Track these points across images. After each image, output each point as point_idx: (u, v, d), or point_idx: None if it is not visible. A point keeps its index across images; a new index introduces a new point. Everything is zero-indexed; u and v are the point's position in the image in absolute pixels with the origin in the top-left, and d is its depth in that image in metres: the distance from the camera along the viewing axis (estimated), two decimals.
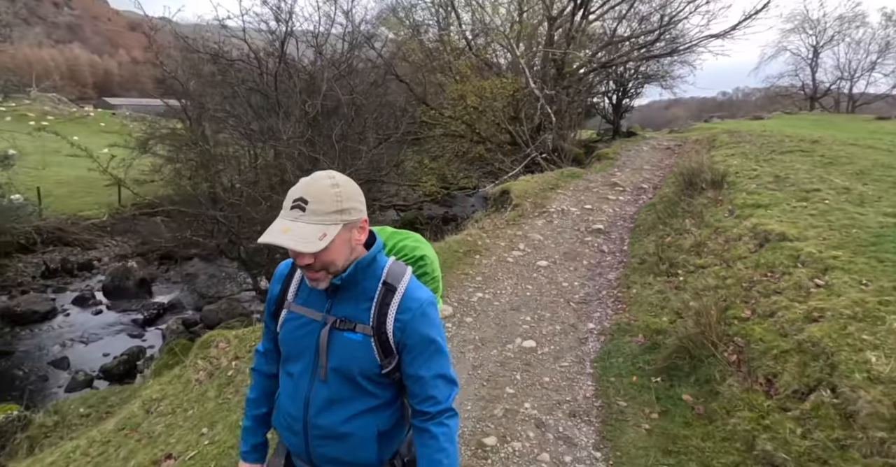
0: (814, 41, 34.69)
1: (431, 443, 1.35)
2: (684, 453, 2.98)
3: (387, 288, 1.36)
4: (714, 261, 5.07)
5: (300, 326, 1.40)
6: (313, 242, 1.20)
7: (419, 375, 1.36)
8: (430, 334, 1.37)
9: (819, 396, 2.89)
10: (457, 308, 4.90)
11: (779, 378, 3.20)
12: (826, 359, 3.06)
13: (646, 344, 4.13)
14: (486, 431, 3.24)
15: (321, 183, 1.26)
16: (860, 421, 2.63)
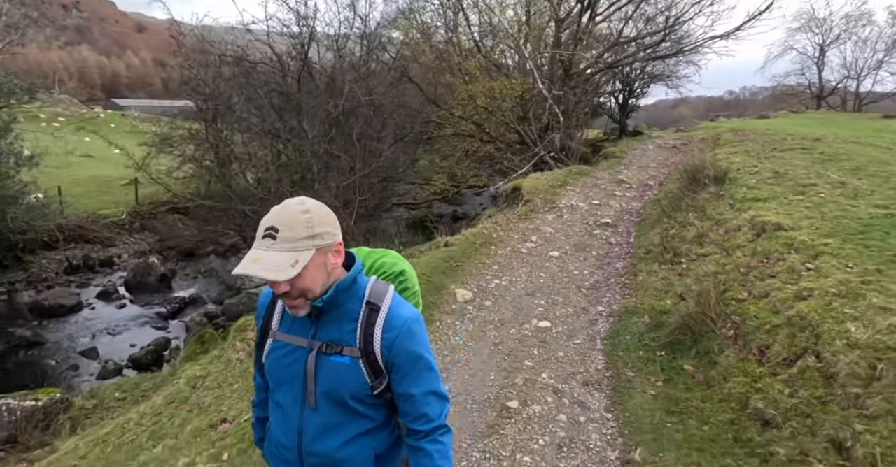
0: (820, 40, 34.71)
1: (426, 462, 1.36)
2: (685, 413, 3.38)
3: (370, 307, 1.36)
4: (715, 249, 5.47)
5: (286, 354, 1.40)
6: (285, 270, 1.21)
7: (410, 393, 1.37)
8: (418, 351, 1.37)
9: (805, 362, 3.29)
10: (476, 293, 5.33)
11: (770, 348, 3.60)
12: (812, 331, 3.46)
13: (651, 323, 4.54)
14: (509, 396, 3.66)
15: (291, 210, 1.28)
16: (839, 380, 3.03)
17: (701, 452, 3.01)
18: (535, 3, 15.72)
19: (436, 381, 1.41)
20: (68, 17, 67.88)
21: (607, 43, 18.08)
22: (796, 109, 32.74)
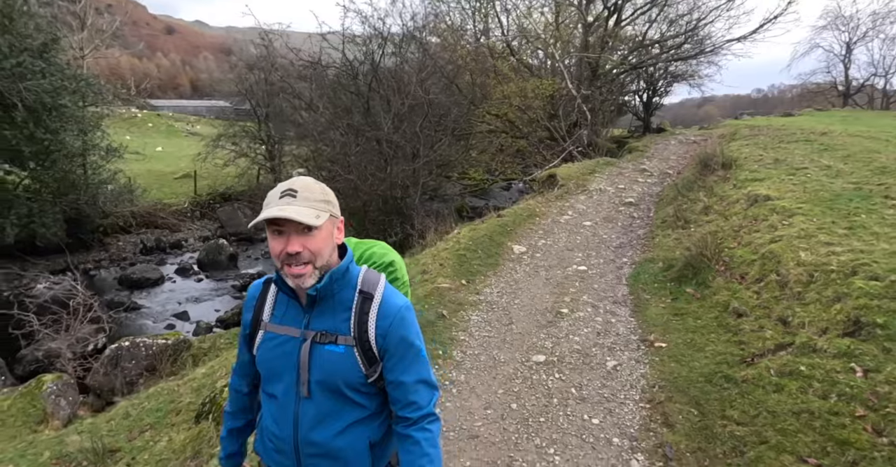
0: (847, 38, 35.23)
1: (414, 449, 1.39)
2: (686, 314, 4.97)
3: (363, 296, 1.40)
4: (717, 217, 7.02)
5: (278, 345, 1.43)
6: (311, 218, 1.27)
7: (400, 380, 1.40)
8: (410, 338, 1.41)
9: (769, 278, 4.85)
10: (528, 248, 6.96)
11: (748, 274, 5.16)
12: (776, 260, 5.01)
13: (664, 266, 6.12)
14: (561, 307, 5.28)
15: (305, 179, 1.37)
16: (789, 285, 4.59)
17: (694, 333, 4.60)
18: (564, 9, 17.29)
19: (426, 370, 1.45)
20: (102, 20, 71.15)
21: (632, 44, 19.57)
22: (821, 107, 33.55)
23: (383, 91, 10.52)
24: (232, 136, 19.66)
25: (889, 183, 6.77)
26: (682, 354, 4.27)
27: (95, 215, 14.56)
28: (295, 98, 13.25)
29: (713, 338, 4.45)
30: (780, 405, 3.31)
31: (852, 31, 35.18)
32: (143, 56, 70.57)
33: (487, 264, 6.43)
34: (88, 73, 15.13)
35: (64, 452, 4.81)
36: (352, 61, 11.42)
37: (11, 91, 12.51)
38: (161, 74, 70.20)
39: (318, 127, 10.93)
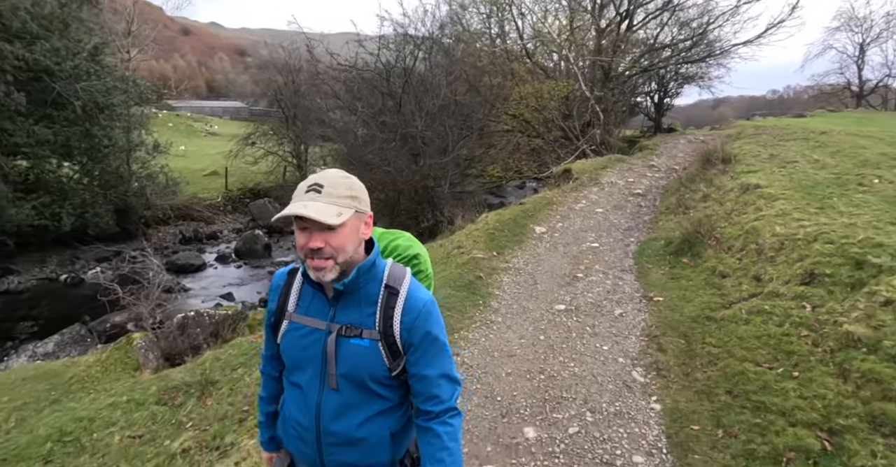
0: (860, 39, 35.55)
1: (435, 442, 1.43)
2: (681, 278, 6.07)
3: (389, 291, 1.44)
4: (713, 203, 8.10)
5: (304, 336, 1.47)
6: (332, 216, 1.30)
7: (423, 374, 1.44)
8: (435, 333, 1.45)
9: (749, 247, 5.94)
10: (547, 229, 8.09)
11: (734, 246, 6.25)
12: (756, 234, 6.10)
13: (665, 243, 7.21)
14: (577, 272, 6.40)
15: (333, 174, 1.41)
16: (764, 251, 5.68)
17: (686, 290, 5.70)
18: (577, 14, 18.41)
19: (449, 364, 1.49)
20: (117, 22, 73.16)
21: (644, 48, 20.65)
22: (834, 108, 34.17)
23: (415, 92, 11.70)
24: (261, 136, 20.95)
25: (866, 173, 7.82)
26: (675, 305, 5.38)
27: (140, 207, 15.87)
28: (333, 98, 14.44)
29: (701, 292, 5.55)
30: (746, 332, 4.42)
31: (866, 32, 35.52)
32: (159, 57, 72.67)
33: (513, 241, 7.57)
34: (135, 75, 16.45)
35: (170, 385, 5.97)
36: (385, 65, 12.63)
37: (69, 91, 13.81)
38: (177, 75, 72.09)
39: (356, 125, 12.12)
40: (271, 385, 1.70)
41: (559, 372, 4.25)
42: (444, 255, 7.21)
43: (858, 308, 4.01)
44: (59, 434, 5.03)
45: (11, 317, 11.62)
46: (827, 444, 3.05)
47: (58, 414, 5.69)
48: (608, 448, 3.37)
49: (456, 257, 6.86)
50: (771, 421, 3.35)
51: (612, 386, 4.06)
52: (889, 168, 8.24)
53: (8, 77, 12.68)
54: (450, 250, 7.34)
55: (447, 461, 1.41)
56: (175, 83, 59.06)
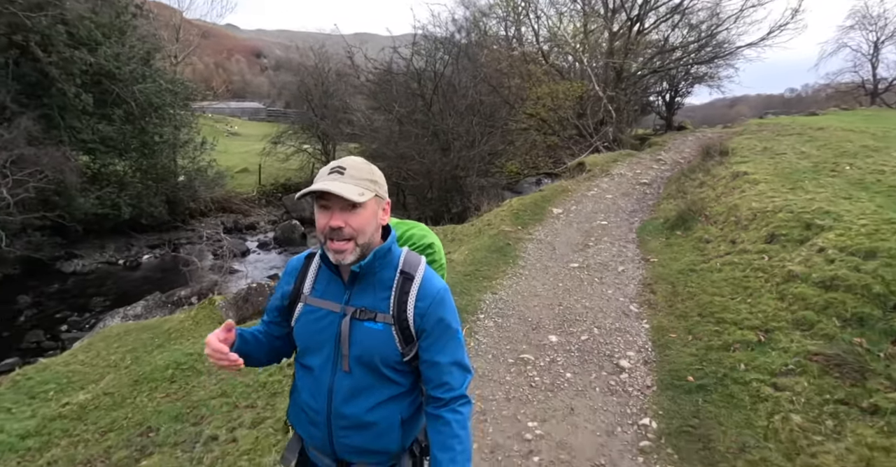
0: (874, 37, 35.93)
1: (444, 430, 1.46)
2: (673, 245, 7.48)
3: (404, 276, 1.49)
4: (707, 189, 9.48)
5: (319, 318, 1.51)
6: (354, 194, 1.35)
7: (435, 361, 1.48)
8: (448, 319, 1.49)
9: (730, 220, 7.33)
10: (563, 210, 9.54)
11: (718, 220, 7.65)
12: (736, 209, 7.49)
13: (663, 221, 8.62)
14: (588, 242, 7.84)
15: (355, 158, 1.48)
16: (741, 222, 7.07)
17: (676, 253, 7.11)
18: (592, 19, 19.81)
19: (461, 352, 1.53)
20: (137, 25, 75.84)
21: (655, 49, 21.99)
22: (847, 107, 34.94)
23: (444, 93, 13.20)
24: (291, 135, 22.60)
25: (841, 162, 9.17)
26: (666, 263, 6.80)
27: (186, 199, 17.53)
28: (364, 98, 15.99)
29: (688, 254, 6.96)
30: (718, 277, 5.83)
31: (880, 31, 35.96)
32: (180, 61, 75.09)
33: (535, 219, 9.02)
34: (183, 77, 18.14)
35: None
36: (418, 69, 14.15)
37: (127, 93, 15.49)
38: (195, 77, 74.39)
39: (392, 122, 13.65)
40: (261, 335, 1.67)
41: (573, 305, 5.70)
42: (476, 231, 8.68)
43: (801, 255, 5.42)
44: (175, 364, 6.53)
45: (84, 293, 13.28)
46: (762, 337, 4.46)
47: (167, 353, 7.22)
48: (609, 348, 4.80)
49: (487, 231, 8.33)
50: (725, 328, 4.76)
51: (613, 314, 5.50)
52: (864, 157, 9.56)
53: (77, 80, 14.36)
54: (480, 227, 8.81)
55: (457, 449, 1.45)
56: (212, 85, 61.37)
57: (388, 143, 13.77)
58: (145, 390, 5.98)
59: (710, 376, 4.12)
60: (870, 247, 4.91)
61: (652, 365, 4.47)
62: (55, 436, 5.18)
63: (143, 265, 15.60)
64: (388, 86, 14.89)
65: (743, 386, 3.89)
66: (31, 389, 6.76)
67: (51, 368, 7.30)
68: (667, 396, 4.00)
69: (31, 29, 13.42)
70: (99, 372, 7.19)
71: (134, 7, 16.54)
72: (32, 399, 6.50)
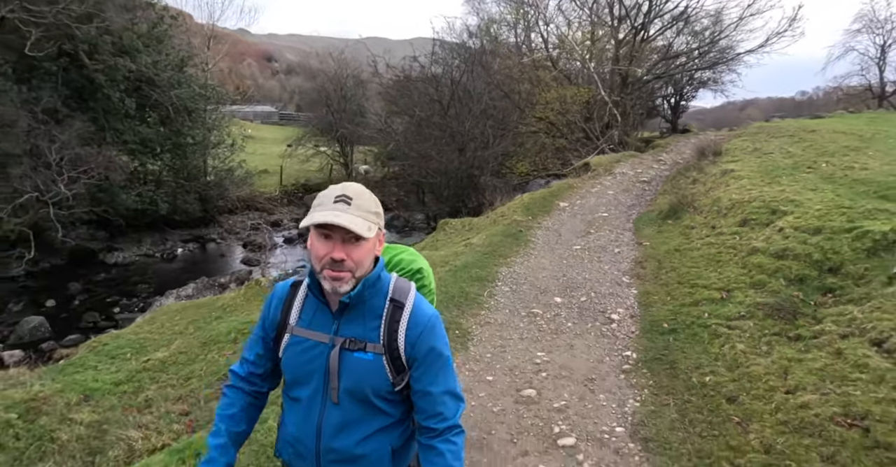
0: (881, 40, 36.33)
1: (438, 461, 1.44)
2: (664, 231, 8.66)
3: (395, 304, 1.47)
4: (699, 185, 10.65)
5: (306, 349, 1.48)
6: (364, 229, 1.33)
7: (427, 390, 1.47)
8: (439, 348, 1.48)
9: (713, 209, 8.51)
10: (569, 204, 10.75)
11: (705, 210, 8.82)
12: (718, 200, 8.67)
13: (657, 213, 9.80)
14: (591, 229, 9.05)
15: (358, 187, 1.44)
16: (721, 211, 8.25)
17: (666, 238, 8.29)
18: (598, 27, 21.03)
19: (453, 381, 1.51)
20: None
21: (659, 55, 23.15)
22: (854, 110, 35.69)
23: (460, 98, 14.47)
24: (311, 137, 23.98)
25: (819, 160, 10.31)
26: (656, 246, 7.99)
27: (216, 197, 18.88)
28: (390, 103, 17.32)
29: (675, 238, 8.14)
30: (696, 254, 7.01)
31: (887, 34, 36.44)
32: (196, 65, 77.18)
33: (543, 211, 10.24)
34: (215, 83, 19.54)
35: None
36: (435, 76, 15.44)
37: (164, 98, 16.86)
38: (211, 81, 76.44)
39: (413, 125, 14.93)
40: (242, 400, 1.64)
41: (575, 277, 6.91)
42: (491, 221, 9.91)
43: (764, 234, 6.60)
44: (235, 330, 7.76)
45: (128, 282, 14.63)
46: (724, 295, 5.64)
47: (225, 322, 8.46)
48: (603, 306, 6.01)
49: (501, 220, 9.55)
50: (697, 290, 5.95)
51: (608, 283, 6.70)
52: (841, 156, 10.70)
53: (120, 86, 15.75)
54: (495, 218, 10.04)
55: None
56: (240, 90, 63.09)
57: (409, 144, 15.04)
58: (214, 349, 7.21)
59: (680, 323, 5.31)
60: (817, 226, 6.08)
61: (636, 318, 5.67)
62: (144, 383, 6.43)
63: (178, 257, 16.95)
64: (409, 91, 16.17)
65: (704, 329, 5.07)
66: (110, 352, 8.02)
67: (122, 337, 8.58)
68: (646, 337, 5.19)
69: (80, 39, 14.81)
70: (167, 338, 8.46)
71: (169, 18, 17.93)
72: (113, 359, 7.76)
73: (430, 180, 14.58)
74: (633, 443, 3.61)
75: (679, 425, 3.76)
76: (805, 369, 3.95)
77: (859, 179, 8.41)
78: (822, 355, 4.04)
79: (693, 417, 3.81)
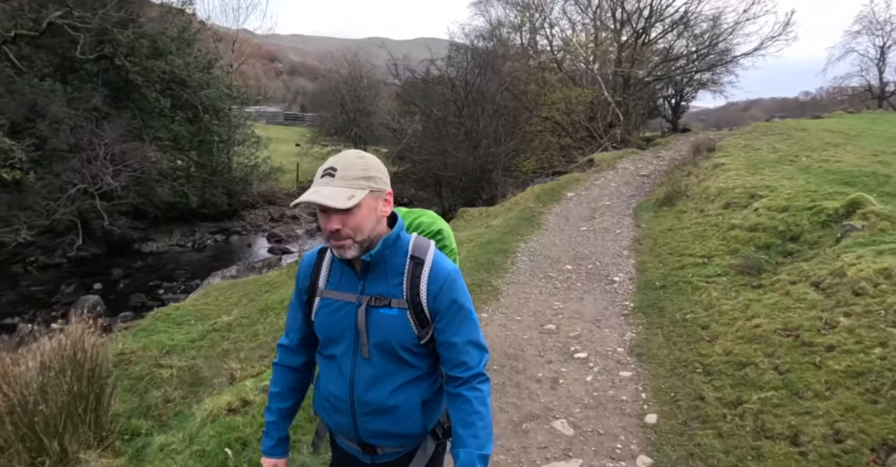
0: (881, 42, 36.17)
1: (465, 407, 1.54)
2: (661, 217, 9.98)
3: (415, 261, 1.56)
4: (692, 177, 11.96)
5: (336, 310, 1.59)
6: (342, 200, 1.40)
7: (451, 341, 1.55)
8: (461, 300, 1.56)
9: (702, 196, 9.83)
10: (575, 194, 12.08)
11: (696, 198, 10.14)
12: (707, 188, 9.99)
13: (654, 201, 11.11)
14: (595, 215, 10.38)
15: (348, 155, 1.51)
16: (709, 197, 9.56)
17: (661, 221, 9.61)
18: (601, 30, 22.38)
19: (476, 331, 1.60)
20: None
21: (660, 57, 24.49)
22: (853, 110, 36.70)
23: (474, 99, 15.83)
24: (325, 137, 25.33)
25: (801, 154, 11.63)
26: (652, 227, 9.30)
27: (241, 192, 20.22)
28: (406, 104, 18.68)
29: (669, 221, 9.45)
30: (685, 232, 8.32)
31: (887, 36, 37.26)
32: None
33: (552, 200, 11.56)
34: (240, 83, 20.89)
35: None
36: (451, 79, 16.80)
37: (195, 98, 18.21)
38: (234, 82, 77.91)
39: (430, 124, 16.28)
40: (288, 377, 1.77)
41: (582, 251, 8.23)
42: (506, 208, 11.23)
43: (742, 214, 7.91)
44: (287, 298, 9.02)
45: (165, 268, 15.96)
46: (706, 261, 6.94)
47: (275, 294, 9.73)
48: (606, 272, 7.32)
49: (515, 207, 10.88)
50: (684, 258, 7.26)
51: (610, 254, 8.02)
52: (821, 151, 12.01)
53: (156, 86, 17.10)
54: (510, 206, 11.36)
55: (478, 425, 1.52)
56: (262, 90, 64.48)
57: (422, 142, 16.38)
58: (271, 314, 8.51)
59: (669, 281, 6.62)
60: (785, 205, 7.39)
61: (634, 280, 6.98)
62: (216, 341, 7.71)
63: (208, 247, 18.29)
64: (426, 92, 17.52)
65: (688, 284, 6.38)
66: (176, 319, 9.32)
67: (182, 308, 9.90)
68: (641, 292, 6.50)
69: (119, 42, 16.16)
70: (225, 308, 9.76)
71: (198, 22, 19.29)
72: (179, 325, 9.06)
73: (448, 174, 15.92)
74: (629, 357, 4.92)
75: (664, 345, 5.07)
76: (761, 305, 5.26)
77: (831, 170, 9.74)
78: (774, 295, 5.35)
79: (675, 340, 5.13)
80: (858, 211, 6.33)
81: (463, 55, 17.21)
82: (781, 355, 4.29)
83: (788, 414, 3.57)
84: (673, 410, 4.00)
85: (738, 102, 61.83)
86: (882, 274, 4.66)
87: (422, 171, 17.79)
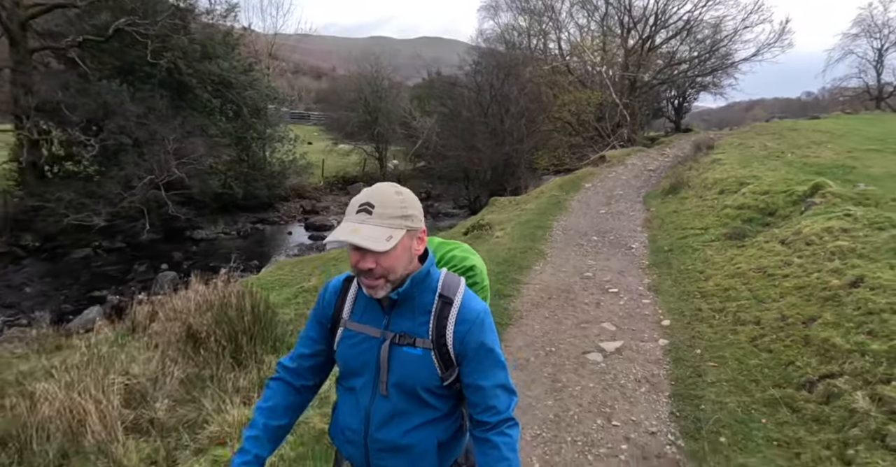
0: (879, 44, 37.44)
1: (492, 453, 1.50)
2: (667, 203, 12.09)
3: (443, 300, 1.52)
4: (693, 171, 14.09)
5: (358, 343, 1.57)
6: (381, 242, 1.36)
7: (479, 385, 1.52)
8: (489, 343, 1.53)
9: (701, 186, 11.96)
10: (592, 185, 14.20)
11: (696, 187, 12.26)
12: (706, 179, 12.11)
13: (660, 190, 13.23)
14: (610, 202, 12.51)
15: (385, 190, 1.47)
16: (707, 186, 11.68)
17: (667, 206, 11.73)
18: (609, 37, 24.53)
19: (505, 375, 1.56)
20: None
21: (664, 61, 26.64)
22: (851, 111, 38.34)
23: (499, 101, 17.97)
24: (350, 135, 27.41)
25: (787, 151, 13.77)
26: (659, 211, 11.42)
27: (277, 185, 22.30)
28: (441, 106, 20.83)
29: (673, 205, 11.56)
30: (687, 213, 10.44)
31: (884, 38, 38.67)
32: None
33: (573, 189, 13.68)
34: (277, 85, 22.98)
35: None
36: (479, 83, 18.93)
37: (239, 99, 20.27)
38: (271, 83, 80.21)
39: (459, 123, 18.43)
40: (286, 394, 1.71)
41: (604, 227, 10.35)
42: (534, 197, 13.35)
43: (733, 197, 10.04)
44: None
45: (218, 253, 17.99)
46: (703, 232, 9.06)
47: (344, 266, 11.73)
48: (625, 242, 9.43)
49: (542, 196, 13.00)
50: (686, 231, 9.36)
51: (627, 229, 10.14)
52: (805, 148, 14.17)
53: (208, 87, 19.16)
54: (536, 194, 13.48)
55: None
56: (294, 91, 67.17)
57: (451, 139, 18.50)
58: None
59: (675, 247, 8.74)
60: (766, 190, 9.51)
61: (647, 246, 9.10)
62: (308, 299, 9.69)
63: (251, 236, 20.35)
64: (455, 94, 19.65)
65: (689, 247, 8.49)
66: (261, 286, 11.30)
67: (261, 278, 11.93)
68: (653, 254, 8.61)
69: (176, 47, 18.20)
70: (303, 276, 11.75)
71: (241, 29, 21.37)
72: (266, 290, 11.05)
73: (476, 167, 18.02)
74: (648, 291, 7.03)
75: (672, 283, 7.19)
76: (742, 256, 7.37)
77: (809, 163, 11.89)
78: (752, 250, 7.47)
79: (680, 281, 7.24)
80: (819, 191, 8.45)
81: (487, 61, 19.35)
82: (753, 283, 6.40)
83: (755, 311, 5.69)
84: (680, 317, 6.11)
85: (740, 102, 62.94)
86: (826, 231, 6.78)
87: (451, 166, 19.83)
